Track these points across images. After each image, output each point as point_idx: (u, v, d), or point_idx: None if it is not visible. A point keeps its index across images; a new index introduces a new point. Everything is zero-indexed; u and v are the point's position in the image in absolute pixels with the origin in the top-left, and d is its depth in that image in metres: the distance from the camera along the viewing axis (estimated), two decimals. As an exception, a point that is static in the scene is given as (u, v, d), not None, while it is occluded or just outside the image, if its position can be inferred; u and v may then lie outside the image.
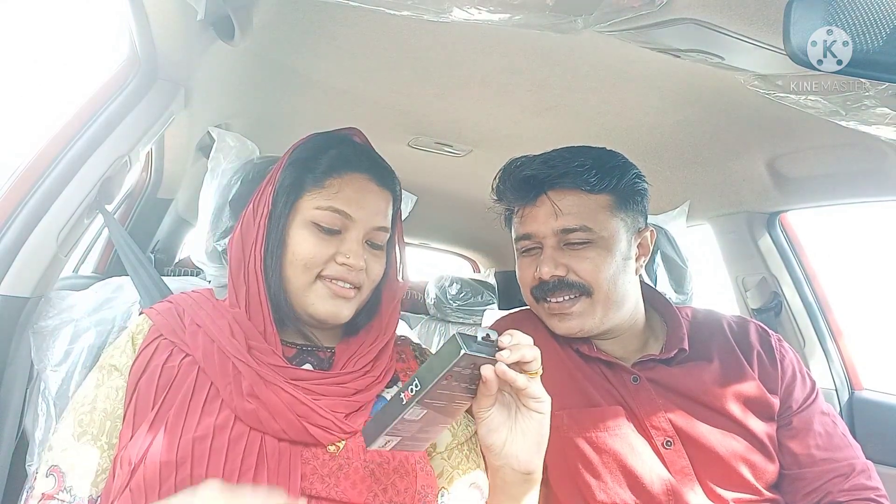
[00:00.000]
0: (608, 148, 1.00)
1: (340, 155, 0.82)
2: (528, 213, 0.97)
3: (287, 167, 0.83)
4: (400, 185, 0.89)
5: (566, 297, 0.93)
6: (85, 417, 0.73)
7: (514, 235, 1.01)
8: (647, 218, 1.01)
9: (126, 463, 0.67)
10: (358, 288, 0.81)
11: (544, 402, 0.67)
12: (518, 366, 0.64)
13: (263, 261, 0.79)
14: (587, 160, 0.94)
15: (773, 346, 1.00)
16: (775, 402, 0.94)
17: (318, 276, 0.79)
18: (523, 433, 0.67)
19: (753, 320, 1.07)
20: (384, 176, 0.85)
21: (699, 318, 1.05)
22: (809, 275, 1.57)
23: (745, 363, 0.97)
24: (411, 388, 0.61)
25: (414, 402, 0.61)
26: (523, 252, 1.00)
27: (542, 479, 0.91)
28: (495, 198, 1.03)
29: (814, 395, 0.97)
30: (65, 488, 0.69)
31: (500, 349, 0.64)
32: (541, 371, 0.66)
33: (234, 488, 0.62)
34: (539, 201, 0.95)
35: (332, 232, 0.79)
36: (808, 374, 1.00)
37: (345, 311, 0.80)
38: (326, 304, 0.79)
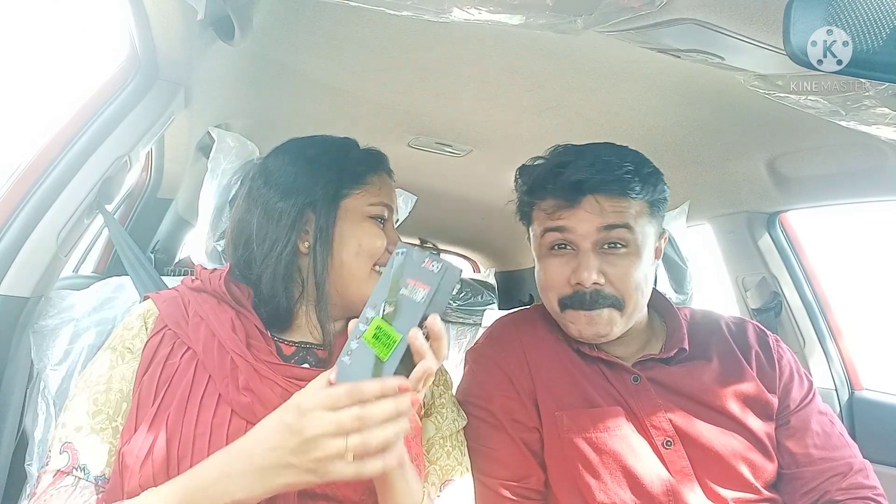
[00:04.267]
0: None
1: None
2: (564, 206, 0.92)
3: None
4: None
5: (598, 309, 0.91)
6: (100, 397, 0.72)
7: (539, 228, 0.95)
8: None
9: (130, 458, 0.67)
10: None
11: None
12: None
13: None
14: (631, 165, 0.91)
15: (771, 346, 1.01)
16: (774, 401, 0.94)
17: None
18: None
19: (751, 321, 1.07)
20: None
21: (698, 318, 1.05)
22: (809, 275, 1.57)
23: (744, 363, 0.97)
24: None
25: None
26: (552, 248, 0.94)
27: (543, 479, 0.92)
28: (528, 197, 0.97)
29: (811, 395, 0.97)
30: (79, 466, 0.69)
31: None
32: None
33: None
34: (583, 201, 0.91)
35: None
36: (806, 374, 1.00)
37: None
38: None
